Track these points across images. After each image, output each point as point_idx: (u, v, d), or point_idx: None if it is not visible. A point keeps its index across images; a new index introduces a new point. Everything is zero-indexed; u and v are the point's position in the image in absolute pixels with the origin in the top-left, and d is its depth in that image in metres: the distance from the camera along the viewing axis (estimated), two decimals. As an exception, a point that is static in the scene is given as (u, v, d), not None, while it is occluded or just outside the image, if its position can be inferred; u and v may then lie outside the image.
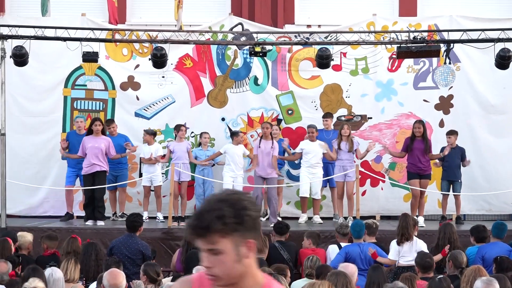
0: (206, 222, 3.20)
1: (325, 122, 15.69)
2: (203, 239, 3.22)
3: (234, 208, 3.21)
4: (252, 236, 3.26)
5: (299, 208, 15.77)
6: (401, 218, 11.37)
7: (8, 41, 14.10)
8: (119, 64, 16.30)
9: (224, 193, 3.30)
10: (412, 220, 11.41)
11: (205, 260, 3.25)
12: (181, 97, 16.35)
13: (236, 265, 3.23)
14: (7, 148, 14.35)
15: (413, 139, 14.83)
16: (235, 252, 3.22)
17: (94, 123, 14.84)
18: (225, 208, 3.21)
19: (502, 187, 15.80)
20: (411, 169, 14.86)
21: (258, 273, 3.32)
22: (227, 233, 3.20)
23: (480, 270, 8.11)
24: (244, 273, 3.26)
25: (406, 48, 14.16)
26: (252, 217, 3.24)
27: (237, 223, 3.20)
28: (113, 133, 15.30)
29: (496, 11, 17.56)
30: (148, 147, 15.24)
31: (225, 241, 3.21)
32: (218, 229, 3.19)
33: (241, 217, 3.21)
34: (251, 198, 3.29)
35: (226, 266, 3.22)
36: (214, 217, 3.19)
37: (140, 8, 18.22)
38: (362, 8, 17.49)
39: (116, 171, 15.25)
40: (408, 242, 11.10)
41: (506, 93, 16.24)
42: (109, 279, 7.16)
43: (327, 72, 15.88)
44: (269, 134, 15.02)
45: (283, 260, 11.29)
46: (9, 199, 14.32)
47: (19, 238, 11.29)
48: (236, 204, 3.23)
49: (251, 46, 14.48)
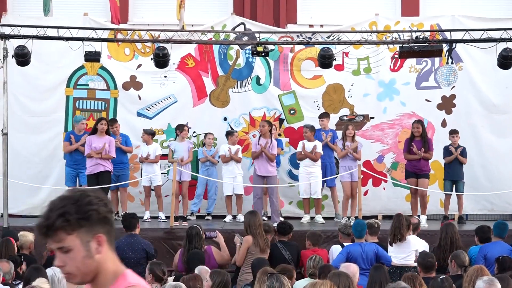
0: (49, 221, 3.19)
1: (321, 122, 15.69)
2: (50, 238, 3.21)
3: (77, 204, 3.20)
4: (102, 231, 3.23)
5: (301, 208, 15.76)
6: (394, 218, 11.39)
7: (10, 41, 14.10)
8: (121, 64, 16.31)
9: (68, 191, 3.29)
10: (406, 221, 11.39)
11: (57, 259, 3.25)
12: (183, 96, 16.35)
13: (87, 261, 3.21)
14: (9, 147, 14.36)
15: (412, 139, 14.84)
16: (84, 248, 3.20)
17: (100, 121, 14.86)
18: (67, 205, 3.20)
19: (505, 186, 15.79)
20: (408, 168, 14.92)
21: (114, 266, 3.30)
22: (72, 229, 3.19)
23: (482, 270, 8.10)
24: (98, 268, 3.25)
25: (408, 48, 14.15)
26: (98, 212, 3.22)
27: (81, 219, 3.19)
28: (116, 132, 15.32)
29: (499, 10, 17.55)
30: (146, 146, 15.25)
31: (72, 238, 3.19)
32: (62, 226, 3.18)
33: (85, 212, 3.20)
34: (99, 194, 3.27)
35: (77, 263, 3.21)
36: (56, 215, 3.18)
37: (142, 8, 18.22)
38: (364, 8, 17.49)
39: (118, 170, 15.25)
40: (400, 242, 11.12)
41: (508, 93, 16.23)
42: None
43: (329, 72, 15.88)
44: (267, 132, 14.99)
45: (285, 260, 11.28)
46: (11, 199, 14.34)
47: (21, 238, 11.30)
48: (79, 200, 3.21)
49: (253, 45, 14.48)
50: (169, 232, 13.80)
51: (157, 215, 15.27)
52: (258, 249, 11.22)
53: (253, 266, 9.99)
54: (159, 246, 13.24)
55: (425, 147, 14.68)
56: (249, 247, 11.25)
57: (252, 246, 11.24)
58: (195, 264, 9.64)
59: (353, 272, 8.24)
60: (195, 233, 11.01)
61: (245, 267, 11.18)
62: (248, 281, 10.60)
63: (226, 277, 8.24)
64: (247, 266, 11.09)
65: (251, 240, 11.26)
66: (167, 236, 13.72)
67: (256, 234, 11.31)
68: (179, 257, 11.05)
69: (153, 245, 11.76)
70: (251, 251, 11.23)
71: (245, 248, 11.27)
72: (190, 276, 8.01)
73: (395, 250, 11.20)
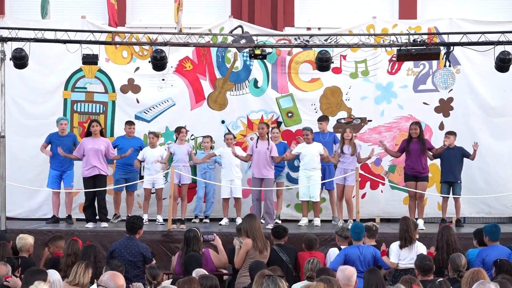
0: None
1: (320, 125, 15.69)
2: None
3: None
4: None
5: (299, 211, 15.76)
6: (402, 222, 11.36)
7: (8, 44, 14.10)
8: (119, 67, 16.32)
9: None
10: (413, 223, 11.42)
11: None
12: (181, 99, 16.36)
13: None
14: (6, 150, 14.34)
15: (409, 140, 14.85)
16: None
17: (92, 124, 14.90)
18: None
19: (502, 189, 15.81)
20: (408, 171, 14.88)
21: None
22: None
23: (480, 272, 8.08)
24: None
25: (406, 50, 14.15)
26: None
27: None
28: (130, 134, 15.36)
29: (496, 13, 17.60)
30: (151, 150, 15.21)
31: None
32: None
33: None
34: None
35: None
36: None
37: (140, 11, 18.24)
38: (362, 11, 17.53)
39: (127, 173, 15.30)
40: (410, 245, 11.11)
41: (506, 96, 16.25)
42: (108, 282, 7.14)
43: (327, 75, 15.90)
44: (265, 135, 14.98)
45: (283, 263, 11.27)
46: (9, 202, 14.32)
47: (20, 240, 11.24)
48: None
49: (251, 48, 14.49)
50: (167, 235, 13.79)
51: (154, 218, 15.26)
52: (257, 252, 11.21)
53: (251, 269, 9.97)
54: (157, 249, 13.24)
55: (423, 149, 14.69)
56: (248, 250, 11.23)
57: (251, 249, 11.22)
58: (192, 267, 9.63)
59: (349, 275, 8.21)
60: (193, 236, 11.00)
61: (243, 270, 11.15)
62: (246, 284, 10.59)
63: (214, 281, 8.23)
64: (245, 269, 11.06)
65: (250, 244, 11.24)
66: (165, 239, 13.71)
67: (256, 236, 11.29)
68: (177, 260, 11.03)
69: (151, 248, 11.73)
70: (251, 254, 11.21)
71: (245, 251, 11.25)
72: (186, 279, 7.99)
73: (404, 253, 11.13)
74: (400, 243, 11.19)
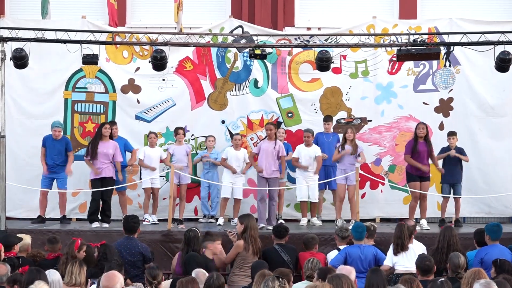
0: None
1: (327, 126, 15.66)
2: None
3: None
4: None
5: (298, 211, 15.76)
6: (397, 228, 11.28)
7: (8, 44, 14.09)
8: (120, 67, 16.32)
9: None
10: (408, 230, 11.30)
11: None
12: (181, 100, 16.37)
13: None
14: (7, 150, 14.33)
15: (416, 140, 14.79)
16: None
17: (104, 126, 14.92)
18: None
19: (502, 189, 15.81)
20: (412, 172, 14.81)
21: None
22: None
23: (480, 272, 8.08)
24: None
25: (406, 50, 14.15)
26: None
27: None
28: (114, 135, 15.33)
29: (496, 13, 17.60)
30: (149, 149, 15.23)
31: None
32: None
33: None
34: None
35: None
36: None
37: (140, 11, 18.24)
38: (362, 11, 17.53)
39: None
40: (403, 252, 11.06)
41: (506, 96, 16.25)
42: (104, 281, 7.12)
43: (327, 75, 15.91)
44: (273, 135, 15.03)
45: (284, 263, 11.29)
46: (8, 202, 14.32)
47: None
48: None
49: (251, 48, 14.49)
50: (167, 235, 13.79)
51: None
52: (249, 253, 11.31)
53: (252, 269, 10.01)
54: (157, 249, 13.24)
55: (430, 150, 14.70)
56: (239, 252, 11.37)
57: (243, 251, 11.35)
58: (192, 267, 9.63)
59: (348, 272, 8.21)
60: (193, 236, 11.00)
61: (235, 269, 11.38)
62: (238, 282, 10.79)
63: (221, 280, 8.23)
64: (237, 268, 11.33)
65: (242, 246, 11.38)
66: (164, 239, 13.71)
67: (253, 236, 11.39)
68: (177, 260, 11.03)
69: (150, 248, 11.74)
70: (242, 256, 11.34)
71: (235, 253, 11.43)
72: (186, 279, 7.98)
73: (400, 259, 11.11)
74: (393, 249, 11.14)
